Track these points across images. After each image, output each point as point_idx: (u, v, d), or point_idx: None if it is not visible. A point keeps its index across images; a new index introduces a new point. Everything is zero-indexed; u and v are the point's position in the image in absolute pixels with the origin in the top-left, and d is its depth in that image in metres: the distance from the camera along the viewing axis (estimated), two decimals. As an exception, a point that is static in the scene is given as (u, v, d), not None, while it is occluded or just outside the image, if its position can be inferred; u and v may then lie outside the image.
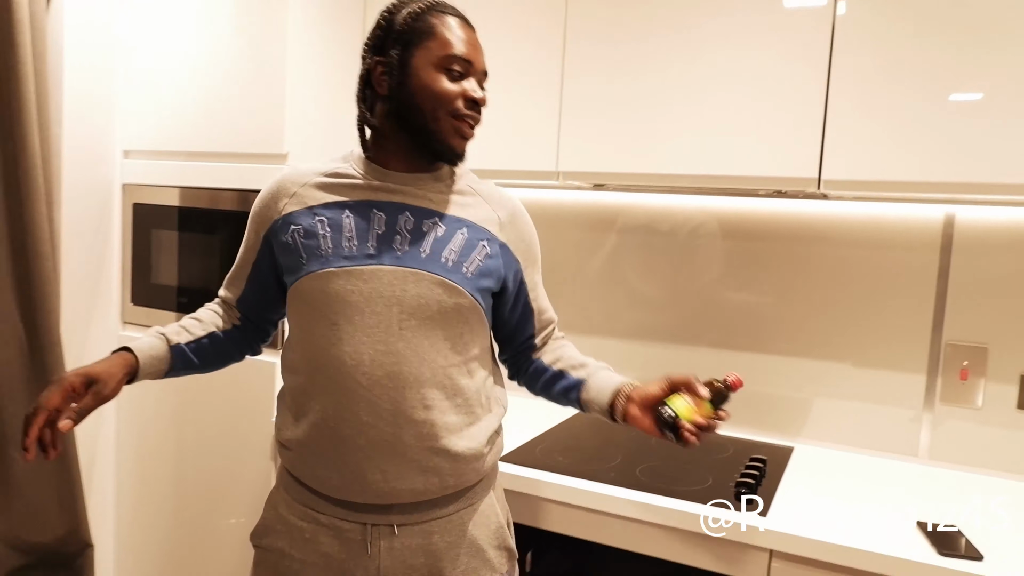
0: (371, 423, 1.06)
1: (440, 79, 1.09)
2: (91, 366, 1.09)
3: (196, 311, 1.27)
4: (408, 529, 1.11)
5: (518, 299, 1.22)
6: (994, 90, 1.34)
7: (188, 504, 1.95)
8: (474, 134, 1.14)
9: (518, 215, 1.21)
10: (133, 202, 2.01)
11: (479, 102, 1.12)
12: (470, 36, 1.13)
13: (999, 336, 1.61)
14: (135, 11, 1.95)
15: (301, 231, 1.11)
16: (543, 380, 1.26)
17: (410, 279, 1.08)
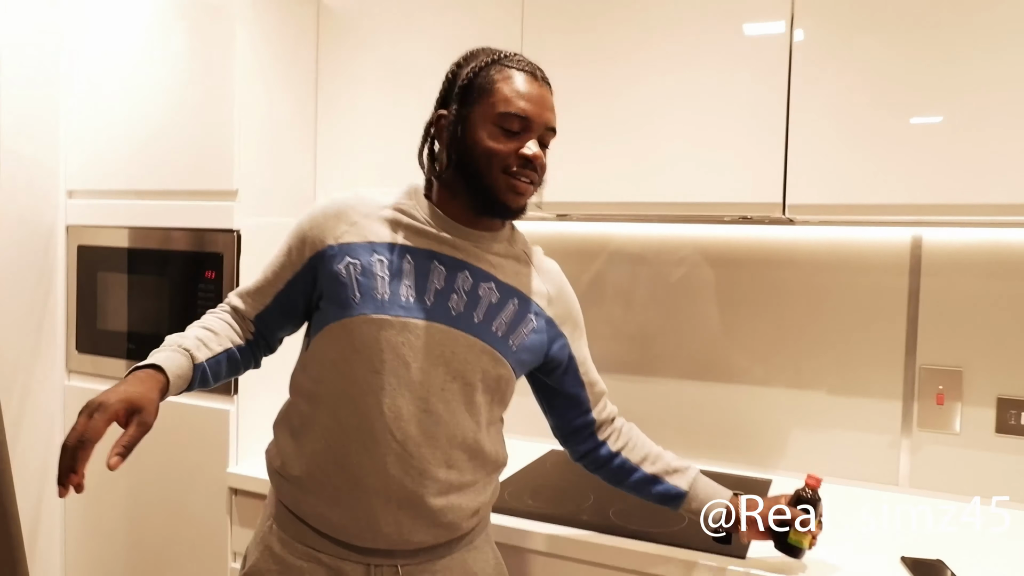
0: (396, 476, 1.05)
1: (495, 136, 1.06)
2: (127, 389, 0.98)
3: (205, 319, 1.16)
4: (411, 569, 1.10)
5: (568, 372, 1.22)
6: (953, 112, 1.33)
7: (140, 561, 1.83)
8: (532, 190, 1.10)
9: (565, 289, 1.22)
10: (78, 244, 1.92)
11: (533, 159, 1.07)
12: (533, 92, 1.08)
13: (973, 359, 1.58)
14: (77, 45, 1.88)
15: (358, 267, 1.07)
16: (633, 479, 1.25)
17: (461, 343, 1.08)
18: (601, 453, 1.26)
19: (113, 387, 0.98)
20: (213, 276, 1.71)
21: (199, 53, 1.73)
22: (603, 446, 1.25)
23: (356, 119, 1.85)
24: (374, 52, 1.82)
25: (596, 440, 1.26)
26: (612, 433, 1.27)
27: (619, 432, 1.27)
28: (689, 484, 1.23)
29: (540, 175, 1.10)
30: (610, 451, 1.25)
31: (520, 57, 1.11)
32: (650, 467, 1.24)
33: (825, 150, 1.41)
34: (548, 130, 1.10)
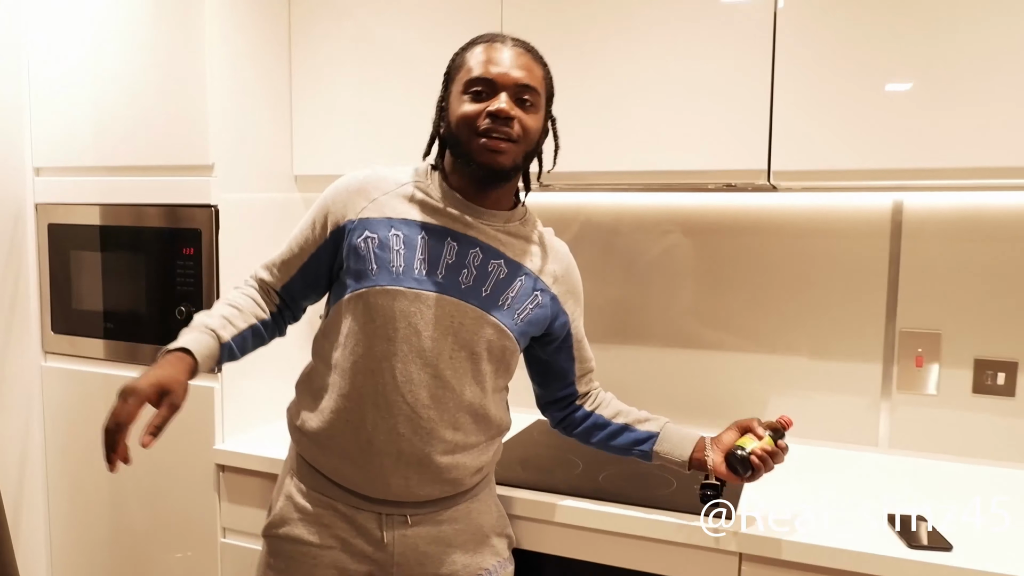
0: (406, 436, 1.13)
1: (463, 103, 1.13)
2: (158, 373, 1.06)
3: (231, 296, 1.24)
4: (420, 519, 1.19)
5: (563, 346, 1.29)
6: (932, 78, 1.34)
7: (126, 541, 1.82)
8: (509, 147, 1.12)
9: (571, 269, 1.28)
10: (48, 223, 1.87)
11: (499, 113, 1.10)
12: (497, 55, 1.13)
13: (951, 321, 1.61)
14: (42, 16, 1.82)
15: (376, 241, 1.14)
16: (605, 433, 1.32)
17: (469, 314, 1.14)
18: (576, 416, 1.35)
19: (145, 371, 1.07)
20: (192, 252, 1.68)
21: (167, 24, 1.67)
22: (579, 410, 1.35)
23: (331, 93, 1.82)
24: (348, 25, 1.78)
25: (573, 407, 1.35)
26: (588, 399, 1.35)
27: (594, 397, 1.36)
28: (660, 427, 1.30)
29: (518, 131, 1.12)
30: (585, 412, 1.34)
31: (496, 34, 1.17)
32: (621, 419, 1.32)
33: (809, 116, 1.41)
34: (522, 87, 1.12)
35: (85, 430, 1.85)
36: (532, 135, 1.15)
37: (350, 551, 1.19)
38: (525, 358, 1.34)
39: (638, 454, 1.30)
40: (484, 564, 1.23)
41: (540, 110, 1.17)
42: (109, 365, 1.82)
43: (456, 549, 1.21)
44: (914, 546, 1.18)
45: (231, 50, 1.69)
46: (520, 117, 1.12)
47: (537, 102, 1.15)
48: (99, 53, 1.75)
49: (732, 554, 1.26)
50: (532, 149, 1.17)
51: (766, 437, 1.23)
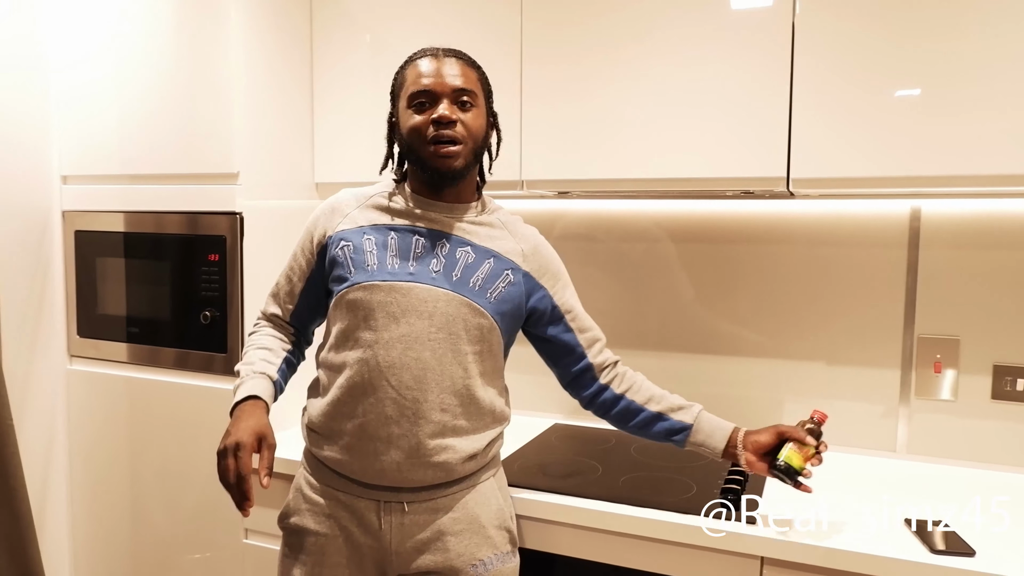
0: (394, 419, 1.20)
1: (411, 117, 1.24)
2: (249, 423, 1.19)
3: (257, 340, 1.35)
4: (416, 506, 1.24)
5: (554, 319, 1.34)
6: (950, 85, 1.35)
7: (148, 541, 1.85)
8: (457, 150, 1.22)
9: (541, 247, 1.35)
10: (75, 230, 1.90)
11: (441, 119, 1.21)
12: (432, 67, 1.23)
13: (970, 327, 1.62)
14: (67, 27, 1.85)
15: (351, 247, 1.25)
16: (639, 419, 1.35)
17: (442, 298, 1.22)
18: (606, 396, 1.36)
19: (236, 426, 1.19)
20: (217, 259, 1.71)
21: (191, 35, 1.71)
22: (607, 389, 1.36)
23: (351, 102, 1.84)
24: (367, 36, 1.81)
25: (599, 384, 1.37)
26: (616, 377, 1.37)
27: (623, 376, 1.37)
28: (693, 418, 1.33)
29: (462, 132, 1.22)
30: (615, 394, 1.36)
31: (428, 48, 1.28)
32: (655, 406, 1.35)
33: (827, 124, 1.43)
34: (459, 91, 1.23)
35: (108, 431, 1.87)
36: (476, 132, 1.25)
37: (353, 539, 1.25)
38: (532, 344, 1.39)
39: (672, 443, 1.34)
40: (479, 555, 1.26)
41: (480, 108, 1.27)
42: (132, 368, 1.85)
43: (451, 537, 1.25)
44: (936, 551, 1.18)
45: (254, 60, 1.72)
46: (461, 119, 1.23)
47: (476, 102, 1.25)
48: (124, 64, 1.79)
49: (754, 558, 1.27)
50: (479, 145, 1.27)
51: (810, 448, 1.24)
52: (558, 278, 1.35)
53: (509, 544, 1.32)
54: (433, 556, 1.24)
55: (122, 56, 1.79)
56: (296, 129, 1.85)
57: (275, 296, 1.38)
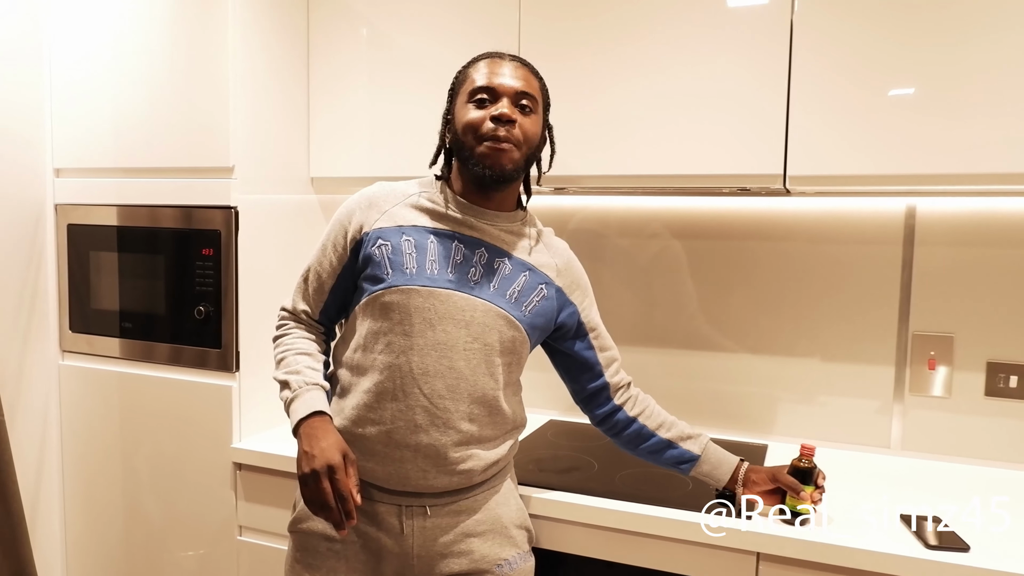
0: (423, 427, 1.18)
1: (468, 111, 1.22)
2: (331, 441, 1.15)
3: (290, 342, 1.29)
4: (439, 509, 1.23)
5: (579, 335, 1.34)
6: (947, 84, 1.35)
7: (141, 538, 1.84)
8: (510, 150, 1.20)
9: (572, 262, 1.35)
10: (67, 223, 1.89)
11: (501, 117, 1.19)
12: (497, 68, 1.23)
13: (964, 325, 1.63)
14: (64, 19, 1.84)
15: (389, 247, 1.21)
16: (648, 444, 1.35)
17: (479, 308, 1.20)
18: (619, 418, 1.36)
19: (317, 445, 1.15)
20: (211, 253, 1.70)
21: (188, 29, 1.69)
22: (620, 411, 1.36)
23: (347, 97, 1.83)
24: (365, 31, 1.80)
25: (613, 404, 1.36)
26: (629, 399, 1.37)
27: (635, 399, 1.37)
28: (701, 449, 1.34)
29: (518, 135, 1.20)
30: (628, 416, 1.36)
31: (496, 51, 1.26)
32: (665, 433, 1.35)
33: (824, 122, 1.43)
34: (521, 94, 1.22)
35: (101, 427, 1.86)
36: (531, 139, 1.23)
37: (371, 545, 1.23)
38: (550, 357, 1.38)
39: (678, 471, 1.36)
40: (503, 555, 1.26)
41: (538, 116, 1.25)
42: (126, 364, 1.84)
43: (475, 539, 1.24)
44: (931, 546, 1.19)
45: (251, 54, 1.71)
46: (520, 121, 1.21)
47: (536, 108, 1.24)
48: (120, 56, 1.77)
49: (750, 553, 1.27)
50: (532, 153, 1.25)
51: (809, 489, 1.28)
52: (586, 294, 1.35)
53: (528, 543, 1.32)
54: (458, 560, 1.23)
55: (118, 48, 1.77)
56: (292, 123, 1.84)
57: (303, 292, 1.32)
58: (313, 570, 1.24)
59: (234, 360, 1.70)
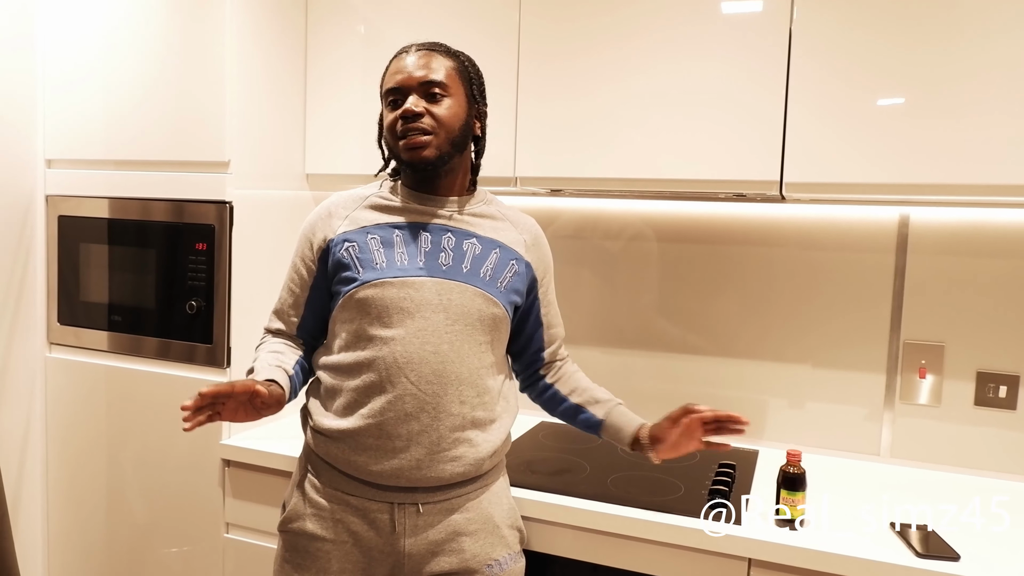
0: (414, 415, 1.19)
1: (387, 114, 1.26)
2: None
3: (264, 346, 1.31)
4: (431, 507, 1.22)
5: (531, 312, 1.36)
6: (944, 94, 1.36)
7: (125, 535, 1.82)
8: (425, 140, 1.21)
9: (540, 238, 1.37)
10: (58, 214, 1.87)
11: (405, 114, 1.21)
12: (403, 63, 1.24)
13: (955, 334, 1.64)
14: (58, 9, 1.82)
15: (356, 246, 1.24)
16: (562, 408, 1.39)
17: (455, 290, 1.22)
18: (539, 384, 1.42)
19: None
20: (204, 248, 1.69)
21: (185, 21, 1.68)
22: (542, 379, 1.42)
23: (344, 94, 1.83)
24: (362, 28, 1.79)
25: (539, 375, 1.42)
26: (552, 369, 1.42)
27: (558, 368, 1.42)
28: (605, 414, 1.35)
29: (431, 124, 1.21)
30: (545, 383, 1.41)
31: (405, 46, 1.28)
32: (576, 398, 1.38)
33: (822, 130, 1.44)
34: (426, 83, 1.22)
35: (87, 421, 1.84)
36: (449, 122, 1.23)
37: (362, 544, 1.22)
38: None
39: (592, 433, 1.38)
40: (494, 554, 1.26)
41: (456, 98, 1.25)
42: (113, 357, 1.82)
43: (466, 538, 1.24)
44: (921, 554, 1.20)
45: (248, 47, 1.70)
46: (430, 109, 1.22)
47: (448, 92, 1.24)
48: (115, 48, 1.76)
49: (741, 559, 1.28)
50: (457, 135, 1.25)
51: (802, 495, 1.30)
52: (548, 270, 1.39)
53: (519, 544, 1.32)
54: (448, 558, 1.22)
55: (113, 39, 1.76)
56: (288, 118, 1.83)
57: (279, 312, 1.34)
58: (303, 570, 1.24)
59: (225, 355, 1.68)
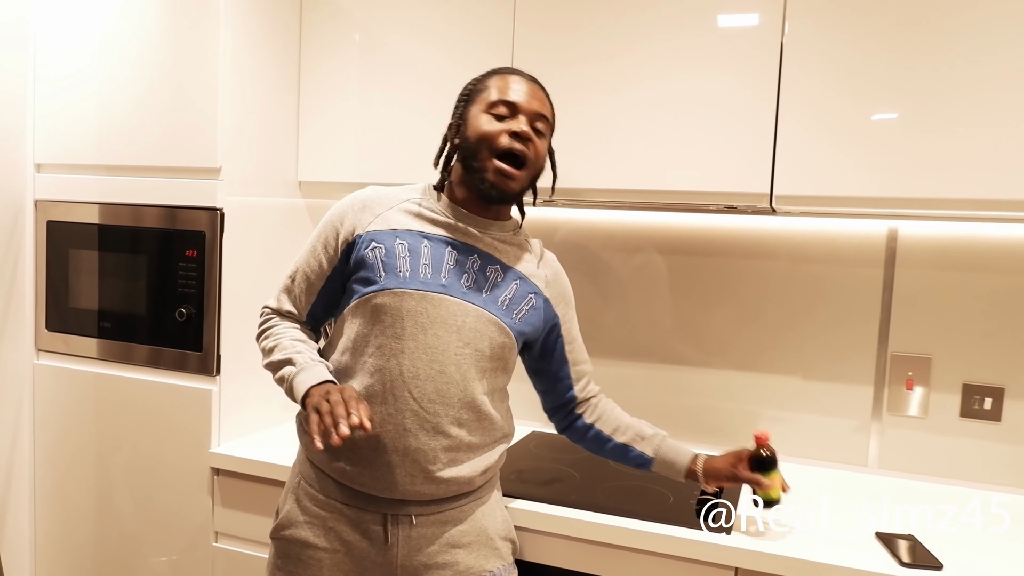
0: (412, 431, 1.17)
1: (487, 122, 1.21)
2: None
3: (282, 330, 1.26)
4: (425, 519, 1.22)
5: (555, 349, 1.35)
6: (934, 110, 1.38)
7: (113, 544, 1.80)
8: (519, 175, 1.22)
9: (560, 275, 1.36)
10: (47, 220, 1.86)
11: (520, 134, 1.20)
12: (520, 84, 1.23)
13: (941, 347, 1.65)
14: (52, 13, 1.81)
15: (383, 250, 1.21)
16: (608, 448, 1.38)
17: (471, 314, 1.21)
18: (578, 425, 1.40)
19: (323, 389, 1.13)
20: (195, 255, 1.68)
21: (178, 27, 1.68)
22: (580, 418, 1.39)
23: (338, 101, 1.83)
24: (357, 35, 1.80)
25: (575, 415, 1.40)
26: (588, 408, 1.39)
27: (595, 406, 1.40)
28: (654, 451, 1.36)
29: (532, 155, 1.22)
30: (585, 423, 1.39)
31: (515, 68, 1.28)
32: (621, 437, 1.37)
33: (813, 143, 1.45)
34: (538, 116, 1.23)
35: (76, 429, 1.83)
36: (540, 161, 1.26)
37: (355, 554, 1.22)
38: (525, 364, 1.39)
39: (640, 470, 1.38)
40: (488, 566, 1.25)
41: (547, 140, 1.27)
42: (102, 365, 1.81)
43: (460, 550, 1.23)
44: (905, 564, 1.21)
45: (242, 54, 1.70)
46: (535, 142, 1.22)
47: (547, 132, 1.26)
48: (108, 53, 1.76)
49: (728, 568, 1.28)
50: (537, 175, 1.27)
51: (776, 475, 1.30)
52: (569, 307, 1.37)
53: (512, 555, 1.32)
54: (442, 571, 1.22)
55: (107, 44, 1.76)
56: (282, 125, 1.83)
57: (289, 292, 1.29)
58: None
59: (215, 363, 1.68)
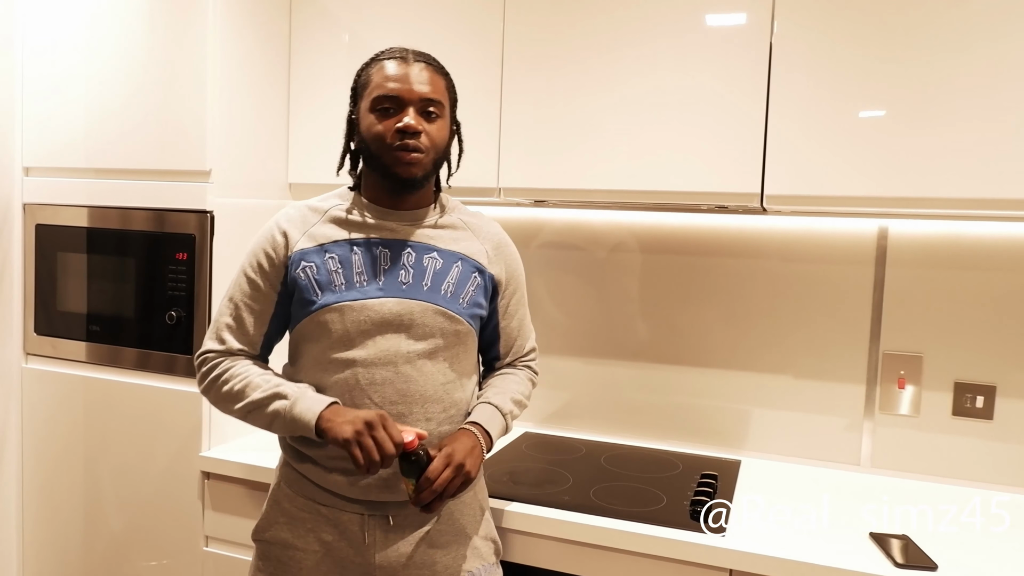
0: None
1: (376, 120, 1.19)
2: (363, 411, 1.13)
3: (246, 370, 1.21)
4: (402, 519, 1.22)
5: (489, 323, 1.34)
6: (923, 107, 1.38)
7: (102, 548, 1.79)
8: (419, 158, 1.19)
9: (504, 246, 1.33)
10: (35, 223, 1.84)
11: (407, 129, 1.17)
12: (400, 72, 1.19)
13: (933, 345, 1.66)
14: (39, 15, 1.80)
15: (313, 268, 1.20)
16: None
17: (416, 310, 1.20)
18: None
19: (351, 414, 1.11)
20: (185, 257, 1.67)
21: (167, 30, 1.67)
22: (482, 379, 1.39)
23: (327, 103, 1.82)
24: (346, 37, 1.79)
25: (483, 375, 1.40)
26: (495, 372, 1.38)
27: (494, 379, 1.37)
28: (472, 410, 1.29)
29: (426, 143, 1.19)
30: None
31: (397, 48, 1.23)
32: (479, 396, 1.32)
33: (803, 142, 1.45)
34: (426, 100, 1.19)
35: (64, 433, 1.82)
36: (439, 144, 1.22)
37: (334, 554, 1.21)
38: None
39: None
40: (467, 566, 1.25)
41: (445, 119, 1.23)
42: (91, 368, 1.80)
43: (438, 550, 1.23)
44: (899, 564, 1.21)
45: (231, 56, 1.69)
46: (426, 129, 1.19)
47: (441, 112, 1.22)
48: (96, 55, 1.74)
49: (722, 570, 1.28)
50: (440, 156, 1.24)
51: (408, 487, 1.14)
52: (512, 279, 1.34)
53: (494, 555, 1.31)
54: (420, 571, 1.21)
55: (95, 46, 1.74)
56: (271, 128, 1.82)
57: (233, 329, 1.23)
58: None
59: (205, 367, 1.66)
